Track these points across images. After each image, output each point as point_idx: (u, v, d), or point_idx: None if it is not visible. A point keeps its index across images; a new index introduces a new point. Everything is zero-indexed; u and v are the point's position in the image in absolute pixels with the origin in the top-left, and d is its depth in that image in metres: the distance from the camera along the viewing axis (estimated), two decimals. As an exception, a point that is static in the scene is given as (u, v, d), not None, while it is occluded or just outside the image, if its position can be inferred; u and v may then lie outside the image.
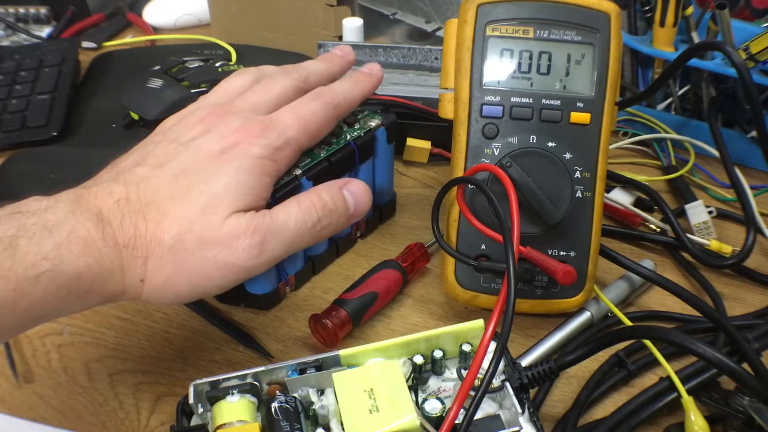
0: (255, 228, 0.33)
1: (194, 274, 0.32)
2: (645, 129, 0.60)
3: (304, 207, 0.35)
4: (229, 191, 0.33)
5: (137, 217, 0.32)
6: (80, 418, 0.38)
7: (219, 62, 0.64)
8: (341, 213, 0.37)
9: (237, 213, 0.33)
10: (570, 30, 0.40)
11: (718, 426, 0.36)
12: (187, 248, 0.32)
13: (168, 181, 0.33)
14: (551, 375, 0.34)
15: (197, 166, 0.33)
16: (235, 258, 0.32)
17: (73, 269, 0.29)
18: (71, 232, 0.30)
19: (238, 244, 0.32)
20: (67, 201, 0.31)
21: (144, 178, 0.33)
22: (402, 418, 0.30)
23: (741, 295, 0.46)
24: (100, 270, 0.30)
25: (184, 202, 0.32)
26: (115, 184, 0.33)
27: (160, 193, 0.32)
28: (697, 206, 0.50)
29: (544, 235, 0.40)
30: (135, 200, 0.32)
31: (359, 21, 0.66)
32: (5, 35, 0.79)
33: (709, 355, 0.30)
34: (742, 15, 0.59)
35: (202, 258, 0.32)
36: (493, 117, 0.40)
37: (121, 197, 0.32)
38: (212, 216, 0.32)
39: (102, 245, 0.30)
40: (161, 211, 0.32)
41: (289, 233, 0.34)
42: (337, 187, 0.37)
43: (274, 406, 0.31)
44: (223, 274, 0.33)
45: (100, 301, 0.31)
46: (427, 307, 0.45)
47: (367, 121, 0.45)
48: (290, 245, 0.35)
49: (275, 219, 0.34)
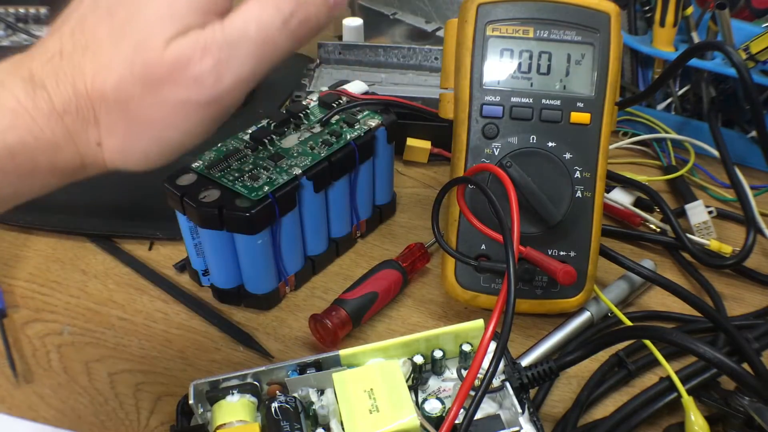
0: (203, 48, 0.26)
1: (150, 124, 0.27)
2: (645, 129, 0.60)
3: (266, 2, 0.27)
4: (168, 11, 0.26)
5: (74, 73, 0.26)
6: (80, 418, 0.38)
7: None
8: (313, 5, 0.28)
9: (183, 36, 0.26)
10: (570, 30, 0.40)
11: (718, 426, 0.36)
12: (133, 96, 0.26)
13: (103, 18, 0.27)
14: (551, 375, 0.34)
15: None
16: (189, 93, 0.26)
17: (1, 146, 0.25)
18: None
19: (186, 75, 0.26)
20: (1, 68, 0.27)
21: (80, 21, 0.27)
22: (402, 418, 0.30)
23: (741, 295, 0.46)
24: (38, 143, 0.26)
25: (119, 39, 0.26)
26: (50, 38, 0.27)
27: (97, 35, 0.27)
28: (697, 206, 0.50)
29: (544, 235, 0.40)
30: (69, 52, 0.26)
31: (359, 21, 0.66)
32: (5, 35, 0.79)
33: (709, 355, 0.30)
34: (742, 15, 0.59)
35: (152, 104, 0.26)
36: (493, 117, 0.40)
37: (55, 52, 0.27)
38: (150, 50, 0.25)
39: (36, 114, 0.26)
40: (97, 57, 0.26)
41: (253, 41, 0.26)
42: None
43: (274, 406, 0.31)
44: (183, 116, 0.27)
45: (57, 177, 0.27)
46: (427, 307, 0.45)
47: (367, 121, 0.45)
48: (261, 56, 0.27)
49: (229, 29, 0.26)
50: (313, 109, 0.46)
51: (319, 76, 0.62)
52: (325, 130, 0.44)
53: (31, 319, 0.43)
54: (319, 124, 0.45)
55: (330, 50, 0.63)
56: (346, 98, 0.47)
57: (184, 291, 0.45)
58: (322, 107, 0.46)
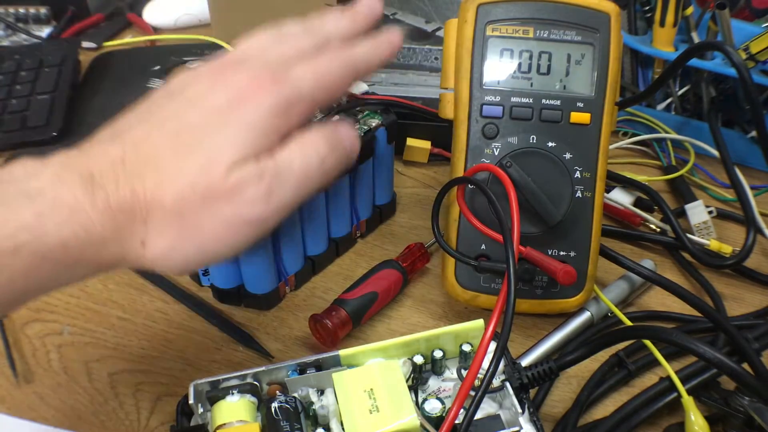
0: (259, 174, 0.30)
1: (202, 235, 0.30)
2: (645, 129, 0.60)
3: (305, 146, 0.32)
4: (232, 144, 0.30)
5: (134, 180, 0.29)
6: (80, 418, 0.38)
7: None
8: (341, 148, 0.34)
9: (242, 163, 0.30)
10: (570, 30, 0.40)
11: (718, 426, 0.36)
12: (191, 209, 0.30)
13: (169, 138, 0.31)
14: (551, 375, 0.35)
15: (201, 122, 0.31)
16: (242, 211, 0.30)
17: (56, 240, 0.27)
18: (55, 198, 0.28)
19: (242, 196, 0.30)
20: (56, 164, 0.29)
21: (143, 137, 0.31)
22: (402, 418, 0.30)
23: (741, 295, 0.46)
24: (90, 238, 0.28)
25: (185, 159, 0.30)
26: (111, 145, 0.30)
27: (160, 151, 0.30)
28: (697, 206, 0.50)
29: (544, 235, 0.40)
30: (132, 161, 0.30)
31: (359, 21, 0.66)
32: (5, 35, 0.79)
33: (709, 355, 0.30)
34: (742, 15, 0.59)
35: (208, 217, 0.30)
36: (493, 117, 0.41)
37: (117, 158, 0.30)
38: (214, 172, 0.30)
39: (91, 210, 0.28)
40: (160, 170, 0.30)
41: (297, 176, 0.32)
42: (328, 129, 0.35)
43: (274, 406, 0.31)
44: (233, 231, 0.30)
45: (94, 270, 0.30)
46: (427, 307, 0.45)
47: (367, 121, 0.45)
48: (299, 188, 0.32)
49: (280, 162, 0.31)
50: (313, 109, 0.46)
51: (319, 76, 0.62)
52: (325, 130, 0.44)
53: (31, 319, 0.43)
54: (319, 124, 0.44)
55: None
56: (346, 98, 0.47)
57: (184, 291, 0.45)
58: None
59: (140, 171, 0.30)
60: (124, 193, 0.29)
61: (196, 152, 0.30)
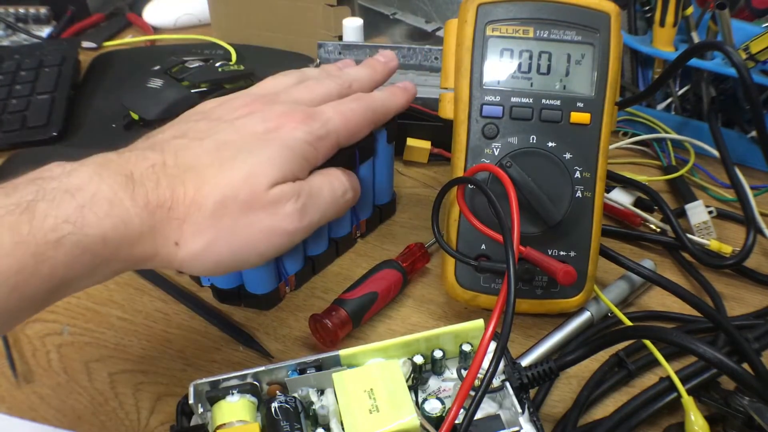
0: (298, 193, 0.34)
1: (237, 240, 0.32)
2: (645, 129, 0.60)
3: (331, 178, 0.37)
4: (273, 164, 0.33)
5: (175, 181, 0.31)
6: (80, 418, 0.38)
7: (219, 62, 0.64)
8: (355, 189, 0.39)
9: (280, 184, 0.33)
10: (570, 30, 0.40)
11: (718, 426, 0.36)
12: (231, 214, 0.32)
13: (209, 150, 0.33)
14: (551, 375, 0.34)
15: (240, 141, 0.34)
16: (279, 222, 0.33)
17: (97, 231, 0.28)
18: (95, 193, 0.29)
19: (282, 209, 0.33)
20: (94, 164, 0.30)
21: (183, 148, 0.33)
22: (402, 418, 0.30)
23: (741, 295, 0.46)
24: (127, 231, 0.29)
25: (228, 170, 0.32)
26: (150, 151, 0.32)
27: (201, 161, 0.32)
28: (697, 206, 0.50)
29: (544, 235, 0.40)
30: (172, 165, 0.32)
31: (359, 21, 0.66)
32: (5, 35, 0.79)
33: (709, 355, 0.30)
34: (742, 15, 0.59)
35: (246, 224, 0.32)
36: (493, 117, 0.41)
37: (158, 162, 0.32)
38: (257, 184, 0.32)
39: (130, 205, 0.30)
40: (201, 177, 0.32)
41: (325, 200, 0.36)
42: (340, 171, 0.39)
43: (274, 406, 0.31)
44: (267, 239, 0.33)
45: (127, 266, 0.31)
46: (427, 307, 0.45)
47: (367, 121, 0.45)
48: (325, 212, 0.36)
49: (313, 186, 0.35)
50: (313, 109, 0.46)
51: (319, 76, 0.62)
52: (325, 130, 0.44)
53: (31, 319, 0.43)
54: (319, 124, 0.44)
55: (330, 50, 0.63)
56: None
57: (184, 291, 0.45)
58: (322, 107, 0.46)
59: (181, 175, 0.31)
60: (164, 192, 0.31)
61: (238, 165, 0.32)
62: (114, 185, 0.30)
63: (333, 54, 0.63)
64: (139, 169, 0.31)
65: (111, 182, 0.30)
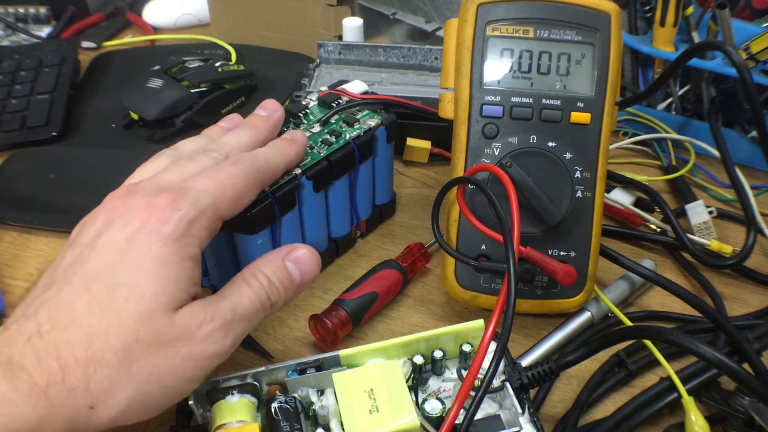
0: (212, 315, 0.30)
1: (165, 378, 0.29)
2: (645, 129, 0.60)
3: (253, 287, 0.33)
4: (158, 294, 0.29)
5: (58, 347, 0.28)
6: (80, 418, 0.38)
7: (219, 62, 0.64)
8: (288, 287, 0.34)
9: (185, 307, 0.30)
10: (570, 30, 0.40)
11: (719, 426, 0.36)
12: (142, 356, 0.29)
13: (80, 294, 0.29)
14: (551, 375, 0.34)
15: (107, 267, 0.30)
16: (202, 347, 0.30)
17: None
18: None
19: (200, 333, 0.30)
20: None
21: (55, 302, 0.29)
22: (402, 418, 0.30)
23: (741, 295, 0.46)
24: (23, 423, 0.26)
25: (112, 314, 0.29)
26: (24, 319, 0.29)
27: (77, 311, 0.29)
28: (698, 206, 0.50)
29: (544, 235, 0.40)
30: (48, 330, 0.28)
31: (359, 21, 0.66)
32: (5, 35, 0.79)
33: (709, 355, 0.30)
34: (743, 15, 0.59)
35: (165, 360, 0.29)
36: (493, 117, 0.40)
37: (32, 332, 0.28)
38: (155, 321, 0.29)
39: (16, 396, 0.27)
40: (86, 331, 0.28)
41: (245, 313, 0.32)
42: (279, 259, 0.34)
43: (274, 406, 0.31)
44: (194, 365, 0.30)
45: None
46: (427, 307, 0.45)
47: (367, 121, 0.45)
48: (248, 324, 0.32)
49: (228, 302, 0.32)
50: (312, 108, 0.46)
51: (318, 76, 0.62)
52: (324, 129, 0.44)
53: (31, 319, 0.43)
54: (319, 123, 0.44)
55: (330, 50, 0.63)
56: (346, 98, 0.47)
57: (184, 291, 0.45)
58: (322, 107, 0.46)
59: (61, 338, 0.28)
60: (49, 366, 0.27)
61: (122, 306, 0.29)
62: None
63: (333, 54, 0.63)
64: (17, 347, 0.28)
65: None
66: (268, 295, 0.33)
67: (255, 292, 0.33)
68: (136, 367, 0.29)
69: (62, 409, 0.27)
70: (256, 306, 0.32)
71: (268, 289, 0.33)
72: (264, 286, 0.33)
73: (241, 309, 0.32)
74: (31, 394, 0.27)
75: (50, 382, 0.27)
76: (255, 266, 0.34)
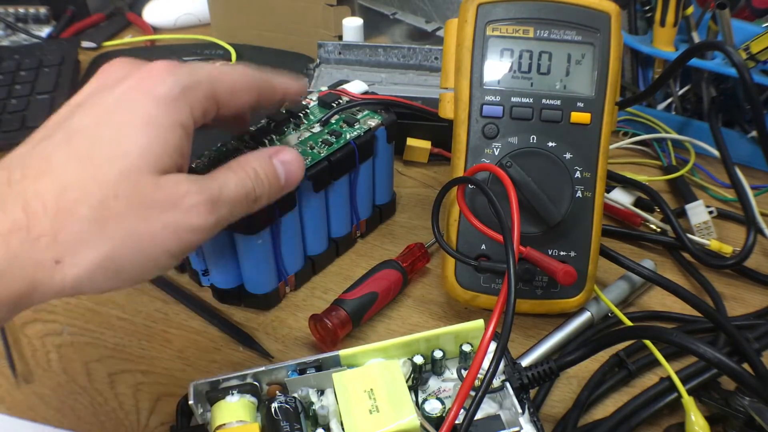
0: (199, 188, 0.29)
1: (139, 241, 0.27)
2: (645, 129, 0.60)
3: (239, 175, 0.32)
4: (143, 154, 0.28)
5: (25, 196, 0.26)
6: (80, 418, 0.38)
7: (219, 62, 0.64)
8: (272, 183, 0.33)
9: (170, 174, 0.29)
10: (570, 30, 0.40)
11: (719, 426, 0.36)
12: (119, 216, 0.27)
13: (59, 145, 0.28)
14: (551, 375, 0.34)
15: (92, 123, 0.28)
16: (184, 217, 0.28)
17: None
18: None
19: (184, 203, 0.28)
20: None
21: (29, 154, 0.28)
22: (402, 418, 0.30)
23: (741, 295, 0.46)
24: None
25: (91, 168, 0.27)
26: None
27: (54, 161, 0.27)
28: (698, 206, 0.50)
29: (544, 235, 0.40)
30: (18, 180, 0.26)
31: (359, 21, 0.66)
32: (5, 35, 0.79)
33: (709, 355, 0.30)
34: (743, 15, 0.59)
35: (144, 223, 0.27)
36: (493, 117, 0.40)
37: (1, 182, 0.27)
38: (138, 181, 0.27)
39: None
40: (59, 181, 0.26)
41: (231, 196, 0.31)
42: (267, 156, 0.34)
43: (274, 406, 0.31)
44: (175, 236, 0.28)
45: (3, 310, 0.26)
46: (427, 307, 0.45)
47: (367, 121, 0.45)
48: (232, 210, 0.31)
49: (216, 182, 0.31)
50: (312, 108, 0.46)
51: (319, 76, 0.62)
52: (324, 129, 0.44)
53: (31, 320, 0.43)
54: (319, 123, 0.44)
55: (330, 50, 0.63)
56: (346, 98, 0.47)
57: (184, 291, 0.45)
58: (322, 107, 0.46)
59: (32, 186, 0.26)
60: (13, 213, 0.26)
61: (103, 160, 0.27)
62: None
63: (333, 54, 0.63)
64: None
65: None
66: (254, 187, 0.32)
67: (242, 180, 0.32)
68: (113, 226, 0.27)
69: (24, 261, 0.26)
70: (241, 193, 0.31)
71: (254, 181, 0.32)
72: (251, 177, 0.32)
73: (228, 191, 0.31)
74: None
75: (13, 229, 0.25)
76: (244, 159, 0.33)
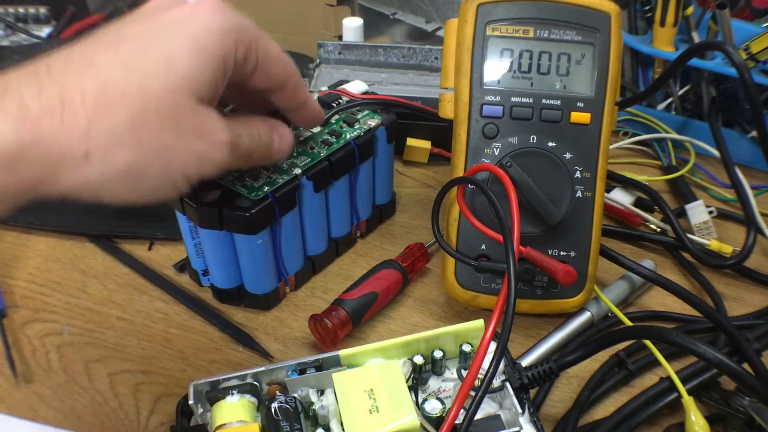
0: (227, 128, 0.30)
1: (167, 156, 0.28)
2: (645, 129, 0.60)
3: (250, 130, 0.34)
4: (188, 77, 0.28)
5: (65, 84, 0.25)
6: (80, 418, 0.38)
7: None
8: (265, 153, 0.35)
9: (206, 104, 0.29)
10: (570, 30, 0.40)
11: (719, 426, 0.36)
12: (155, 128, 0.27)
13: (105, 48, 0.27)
14: (551, 375, 0.34)
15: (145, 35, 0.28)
16: (210, 149, 0.29)
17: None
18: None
19: (214, 137, 0.29)
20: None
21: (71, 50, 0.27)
22: (402, 418, 0.30)
23: (741, 295, 0.46)
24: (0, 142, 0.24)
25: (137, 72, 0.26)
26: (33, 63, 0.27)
27: (97, 61, 0.26)
28: (698, 206, 0.50)
29: (544, 235, 0.40)
30: (58, 70, 0.26)
31: (359, 21, 0.66)
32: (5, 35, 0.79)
33: (709, 355, 0.30)
34: (743, 15, 0.59)
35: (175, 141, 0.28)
36: (493, 117, 0.40)
37: (39, 69, 0.26)
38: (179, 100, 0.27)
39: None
40: (102, 78, 0.26)
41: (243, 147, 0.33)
42: (269, 126, 0.35)
43: (274, 406, 0.31)
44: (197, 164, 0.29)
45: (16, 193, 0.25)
46: (427, 307, 0.45)
47: (367, 121, 0.45)
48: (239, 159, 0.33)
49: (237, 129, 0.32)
50: (313, 109, 0.46)
51: (319, 75, 0.62)
52: (324, 129, 0.44)
53: (31, 320, 0.43)
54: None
55: (330, 50, 0.63)
56: (346, 98, 0.47)
57: (184, 291, 0.45)
58: (322, 107, 0.46)
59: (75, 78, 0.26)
60: (49, 96, 0.25)
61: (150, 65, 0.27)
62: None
63: (333, 54, 0.63)
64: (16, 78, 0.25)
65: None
66: (254, 148, 0.34)
67: (250, 137, 0.33)
68: (147, 135, 0.27)
69: (49, 145, 0.25)
70: (249, 147, 0.33)
71: (257, 141, 0.34)
72: (254, 138, 0.34)
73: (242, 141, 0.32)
74: (18, 117, 0.24)
75: (45, 112, 0.25)
76: (251, 119, 0.34)
